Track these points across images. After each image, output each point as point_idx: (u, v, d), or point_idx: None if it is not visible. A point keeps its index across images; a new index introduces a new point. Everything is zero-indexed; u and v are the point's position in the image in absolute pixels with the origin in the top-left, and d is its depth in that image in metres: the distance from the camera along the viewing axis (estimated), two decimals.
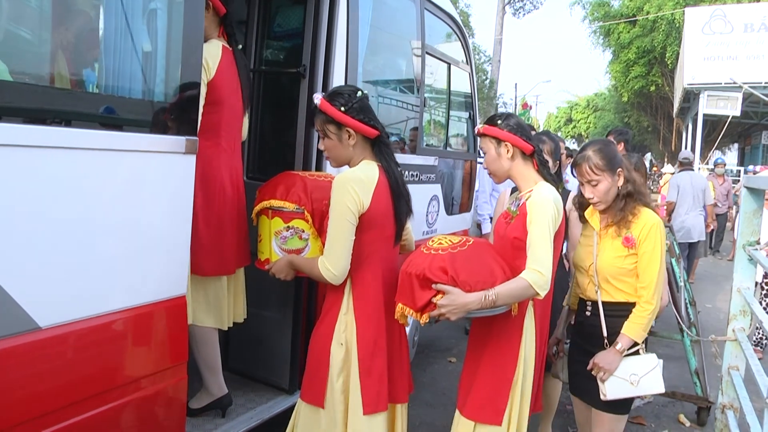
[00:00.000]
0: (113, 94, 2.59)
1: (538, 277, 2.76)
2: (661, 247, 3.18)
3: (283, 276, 3.25)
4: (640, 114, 34.94)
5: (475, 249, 2.89)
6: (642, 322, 3.16)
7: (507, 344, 3.00)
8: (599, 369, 3.17)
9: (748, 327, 4.21)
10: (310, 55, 3.91)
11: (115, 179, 2.49)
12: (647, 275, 3.17)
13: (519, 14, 32.66)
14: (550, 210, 2.87)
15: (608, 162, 3.20)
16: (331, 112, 2.92)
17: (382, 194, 2.97)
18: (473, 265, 2.79)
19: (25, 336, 2.20)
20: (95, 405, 2.51)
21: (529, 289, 2.75)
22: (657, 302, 3.17)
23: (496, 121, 3.07)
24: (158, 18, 2.77)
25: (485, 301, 2.72)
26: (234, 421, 3.60)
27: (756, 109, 23.16)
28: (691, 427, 5.11)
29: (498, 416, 2.96)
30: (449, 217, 5.71)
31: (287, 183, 3.40)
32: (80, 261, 2.39)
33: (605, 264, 3.26)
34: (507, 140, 3.02)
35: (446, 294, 2.72)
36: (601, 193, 3.22)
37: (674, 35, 26.35)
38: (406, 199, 3.11)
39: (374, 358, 3.01)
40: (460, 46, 6.05)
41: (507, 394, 2.96)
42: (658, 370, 3.20)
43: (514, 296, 2.78)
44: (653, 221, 3.20)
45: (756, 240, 4.10)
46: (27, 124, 2.17)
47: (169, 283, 2.84)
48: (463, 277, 2.73)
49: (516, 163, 3.06)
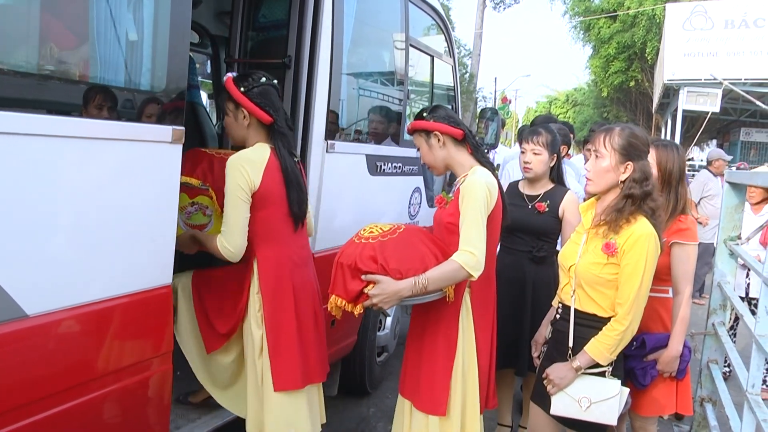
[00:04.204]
0: (100, 83, 2.57)
1: (469, 258, 2.78)
2: (646, 262, 2.80)
3: (186, 250, 3.29)
4: (619, 109, 35.06)
5: (405, 236, 2.92)
6: (608, 342, 2.84)
7: (444, 334, 3.03)
8: (549, 381, 2.96)
9: (728, 321, 4.26)
10: (296, 46, 3.89)
11: (101, 168, 2.48)
12: (624, 291, 2.83)
13: (499, 8, 32.79)
14: (481, 193, 2.88)
15: (624, 146, 2.90)
16: (231, 90, 3.10)
17: (273, 174, 3.08)
18: (403, 252, 2.82)
19: (13, 324, 2.20)
20: (81, 394, 2.50)
21: (460, 270, 2.77)
22: (631, 323, 2.82)
23: (422, 115, 3.12)
24: (145, 6, 2.76)
25: (416, 287, 2.75)
26: (217, 410, 3.59)
27: (735, 105, 23.33)
28: (668, 419, 5.14)
29: (440, 407, 2.98)
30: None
31: (194, 160, 3.47)
32: (67, 249, 2.38)
33: (582, 268, 2.96)
34: (435, 129, 3.06)
35: (377, 283, 2.76)
36: (597, 169, 2.97)
37: (654, 31, 26.48)
38: (297, 189, 3.18)
39: (280, 336, 3.09)
40: (443, 39, 6.05)
41: (447, 385, 2.98)
42: (615, 400, 2.85)
43: (447, 279, 2.81)
44: (643, 232, 2.82)
45: (737, 235, 4.15)
46: (11, 111, 2.14)
47: (155, 273, 2.83)
48: (393, 265, 2.77)
49: (449, 151, 3.10)
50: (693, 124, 23.68)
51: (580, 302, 2.98)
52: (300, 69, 3.87)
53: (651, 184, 2.91)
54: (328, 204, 4.05)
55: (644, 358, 3.29)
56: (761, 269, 3.32)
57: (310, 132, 3.87)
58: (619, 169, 2.92)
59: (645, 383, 3.29)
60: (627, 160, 2.90)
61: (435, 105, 3.22)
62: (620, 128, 2.99)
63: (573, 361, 2.91)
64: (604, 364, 2.89)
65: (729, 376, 5.79)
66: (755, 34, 19.01)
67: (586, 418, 2.89)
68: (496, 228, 3.05)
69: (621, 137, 2.92)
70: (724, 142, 29.66)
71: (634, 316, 2.83)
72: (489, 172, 3.04)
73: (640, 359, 3.30)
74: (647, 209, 2.88)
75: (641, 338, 3.28)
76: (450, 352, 2.99)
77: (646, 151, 2.99)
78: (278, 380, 3.10)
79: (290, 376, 3.12)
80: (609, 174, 2.94)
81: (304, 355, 3.19)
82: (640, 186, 2.87)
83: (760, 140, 26.63)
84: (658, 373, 3.28)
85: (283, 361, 3.11)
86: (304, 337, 3.20)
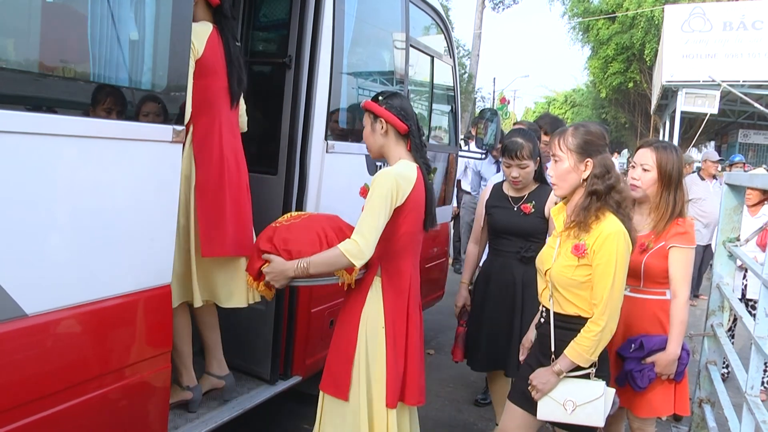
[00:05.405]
0: (100, 82, 2.57)
1: (351, 246, 2.82)
2: (617, 261, 2.80)
3: None
4: (617, 110, 35.09)
5: (307, 221, 3.06)
6: (586, 344, 2.83)
7: (348, 321, 3.09)
8: (533, 387, 2.95)
9: (727, 322, 4.27)
10: (296, 45, 3.89)
11: (101, 167, 2.48)
12: (597, 291, 2.83)
13: (498, 9, 32.74)
14: (386, 184, 2.89)
15: (580, 144, 2.93)
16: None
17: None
18: (297, 235, 2.95)
19: (12, 323, 2.20)
20: (79, 393, 2.50)
21: (341, 257, 2.82)
22: (607, 323, 2.81)
23: (377, 98, 3.13)
24: (146, 5, 2.76)
25: (298, 268, 2.87)
26: (215, 410, 3.60)
27: (733, 107, 23.30)
28: (667, 420, 5.15)
29: (342, 391, 3.03)
30: None
31: None
32: (66, 249, 2.38)
33: (555, 271, 2.96)
34: (382, 116, 3.07)
35: (270, 262, 2.91)
36: (558, 173, 2.98)
37: (653, 32, 26.46)
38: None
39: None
40: (443, 39, 6.06)
41: (349, 371, 3.02)
42: (600, 401, 2.85)
43: (328, 264, 2.88)
44: (611, 230, 2.82)
45: (736, 236, 4.15)
46: (10, 110, 2.15)
47: (155, 272, 2.84)
48: (283, 246, 2.92)
49: (389, 141, 3.12)
50: (691, 126, 23.70)
51: (560, 305, 2.98)
52: (300, 69, 3.87)
53: (613, 176, 2.91)
54: (328, 204, 4.04)
55: (642, 360, 3.29)
56: (760, 271, 3.32)
57: (310, 132, 3.87)
58: (579, 168, 2.93)
59: (643, 386, 3.29)
60: (585, 157, 2.92)
61: (393, 92, 3.22)
62: (573, 128, 3.01)
63: (554, 366, 2.91)
64: (585, 366, 2.89)
65: (728, 377, 5.80)
66: (753, 36, 18.98)
67: (573, 421, 2.90)
68: (405, 219, 3.02)
69: (575, 137, 2.94)
70: (722, 144, 29.68)
71: (610, 315, 2.82)
72: (414, 166, 3.07)
73: (638, 362, 3.30)
74: (612, 203, 2.89)
75: (640, 341, 3.29)
76: (352, 339, 3.04)
77: (604, 144, 2.99)
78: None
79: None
80: (571, 175, 2.95)
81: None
82: (603, 180, 2.88)
83: (757, 142, 26.62)
84: (656, 375, 3.28)
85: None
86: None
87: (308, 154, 3.87)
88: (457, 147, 6.46)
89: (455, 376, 5.87)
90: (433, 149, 5.77)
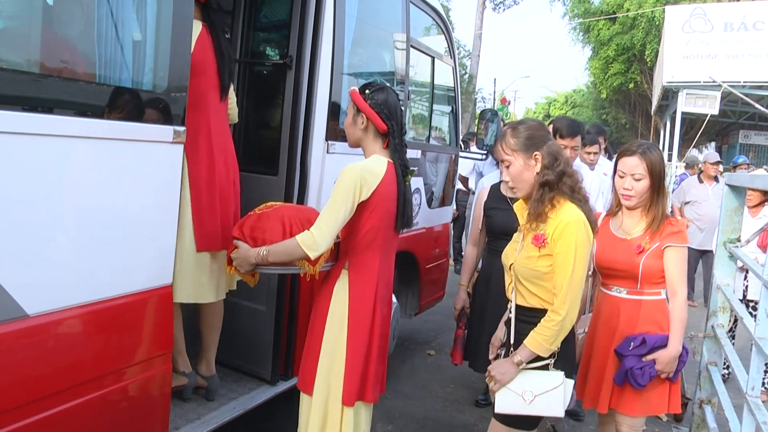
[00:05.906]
0: (100, 83, 2.57)
1: (307, 237, 2.84)
2: (577, 249, 2.78)
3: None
4: (618, 111, 35.06)
5: (276, 212, 3.09)
6: (546, 333, 2.80)
7: (317, 314, 3.12)
8: (491, 378, 2.93)
9: (728, 323, 4.26)
10: (297, 46, 3.89)
11: (102, 168, 2.49)
12: (558, 279, 2.81)
13: (499, 9, 32.72)
14: (352, 177, 2.91)
15: (522, 142, 2.92)
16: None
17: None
18: (264, 224, 3.00)
19: (13, 323, 2.20)
20: (81, 393, 2.51)
21: (297, 248, 2.85)
22: (568, 313, 2.79)
23: (364, 91, 3.11)
24: (147, 6, 2.76)
25: (258, 256, 2.91)
26: (216, 411, 3.60)
27: (734, 108, 23.28)
28: (668, 422, 5.15)
29: (308, 386, 3.06)
30: (431, 210, 5.72)
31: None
32: (67, 249, 2.39)
33: (518, 264, 2.95)
34: (364, 111, 3.07)
35: (237, 248, 2.97)
36: (513, 175, 2.96)
37: (654, 33, 26.45)
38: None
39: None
40: (443, 40, 6.05)
41: (315, 365, 3.03)
42: (559, 390, 2.84)
43: (285, 254, 2.92)
44: (570, 218, 2.81)
45: (737, 237, 4.15)
46: (12, 111, 2.15)
47: (156, 272, 2.84)
48: (250, 233, 2.98)
49: (367, 136, 3.13)
50: (692, 127, 23.67)
51: (524, 298, 2.97)
52: (301, 70, 3.87)
53: (562, 162, 2.90)
54: None
55: (643, 357, 3.29)
56: (761, 272, 3.32)
57: (311, 133, 3.87)
58: (530, 163, 2.91)
59: (644, 384, 3.29)
60: (533, 151, 2.89)
61: (381, 86, 3.17)
62: (510, 129, 3.00)
63: (514, 356, 2.89)
64: (545, 356, 2.88)
65: (728, 378, 5.79)
66: (754, 37, 18.96)
67: (532, 412, 2.88)
68: (372, 214, 3.01)
69: (515, 136, 2.93)
70: (723, 145, 29.66)
71: (570, 304, 2.80)
72: (384, 161, 3.07)
73: (638, 359, 3.30)
74: (566, 189, 2.88)
75: (641, 338, 3.29)
76: (319, 332, 3.06)
77: (546, 133, 2.99)
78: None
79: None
80: (525, 174, 2.92)
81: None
82: (552, 170, 2.87)
83: (758, 143, 26.60)
84: (657, 373, 3.28)
85: None
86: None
87: (309, 155, 3.88)
88: (457, 148, 6.45)
89: (456, 377, 5.87)
90: (433, 150, 5.78)
